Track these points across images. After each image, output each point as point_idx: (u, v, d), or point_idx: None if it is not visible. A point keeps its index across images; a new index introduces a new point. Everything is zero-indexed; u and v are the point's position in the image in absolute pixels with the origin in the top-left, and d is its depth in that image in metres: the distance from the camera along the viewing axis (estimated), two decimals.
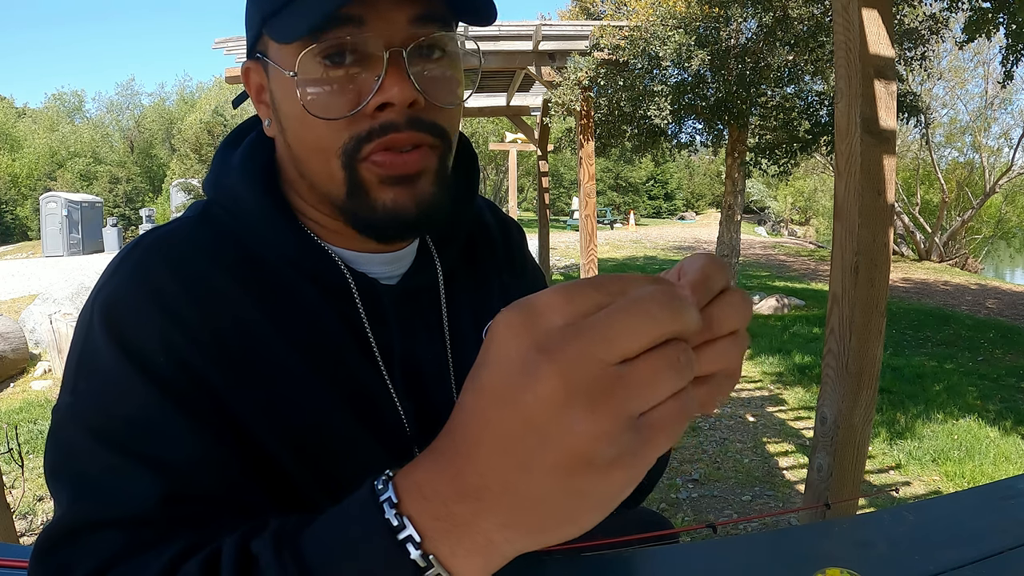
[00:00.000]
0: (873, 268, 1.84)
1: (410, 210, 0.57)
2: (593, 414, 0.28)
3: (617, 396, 0.28)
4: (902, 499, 3.19)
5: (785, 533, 1.26)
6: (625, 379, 0.28)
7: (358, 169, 0.56)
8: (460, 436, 0.32)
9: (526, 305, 0.30)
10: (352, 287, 0.62)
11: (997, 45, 9.31)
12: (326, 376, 0.59)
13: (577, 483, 0.29)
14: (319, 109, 0.54)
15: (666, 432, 0.29)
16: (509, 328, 0.30)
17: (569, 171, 27.27)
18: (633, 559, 0.84)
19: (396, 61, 0.53)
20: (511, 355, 0.29)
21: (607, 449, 0.28)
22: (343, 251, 0.63)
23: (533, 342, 0.29)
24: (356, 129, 0.55)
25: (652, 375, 0.28)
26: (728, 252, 8.71)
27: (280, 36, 0.55)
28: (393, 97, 0.53)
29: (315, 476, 0.58)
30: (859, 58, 1.77)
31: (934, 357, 6.05)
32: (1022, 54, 6.46)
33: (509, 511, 0.31)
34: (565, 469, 0.29)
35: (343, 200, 0.58)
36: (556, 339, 0.28)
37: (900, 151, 15.97)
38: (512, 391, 0.29)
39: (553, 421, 0.28)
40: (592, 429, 0.28)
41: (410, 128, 0.55)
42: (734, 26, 7.54)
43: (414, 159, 0.56)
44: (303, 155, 0.59)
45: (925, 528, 0.86)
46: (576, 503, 0.30)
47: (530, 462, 0.29)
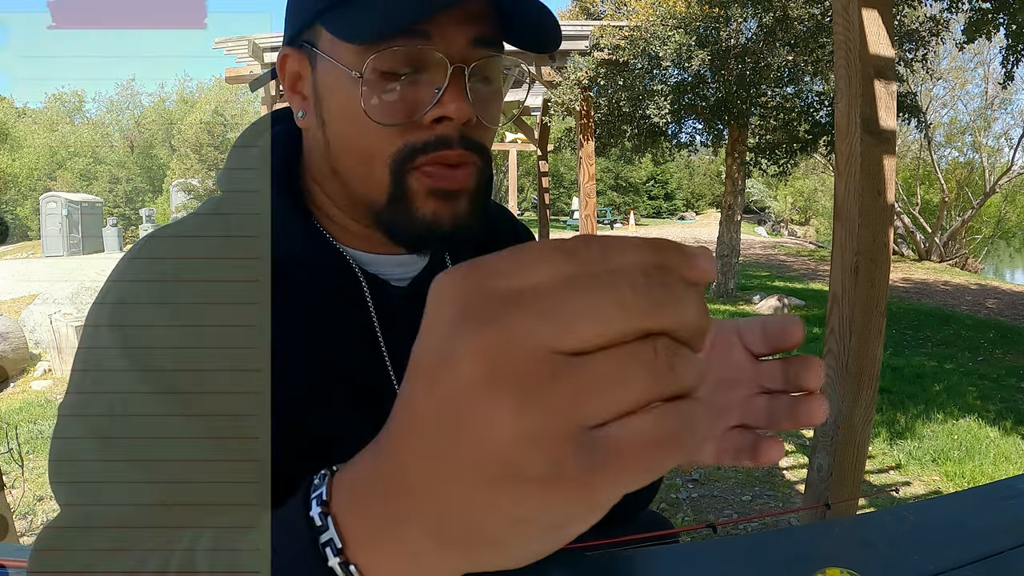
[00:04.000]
0: (873, 268, 1.85)
1: (446, 225, 0.58)
2: (522, 409, 0.21)
3: (558, 393, 0.21)
4: (902, 499, 3.19)
5: (785, 533, 1.26)
6: (574, 373, 0.21)
7: (406, 177, 0.56)
8: (392, 424, 0.27)
9: (471, 264, 0.24)
10: (364, 288, 0.62)
11: (997, 46, 9.31)
12: (333, 375, 0.59)
13: (502, 497, 0.23)
14: (378, 114, 0.54)
15: (630, 459, 0.21)
16: (443, 289, 0.24)
17: (569, 171, 27.25)
18: (633, 559, 0.84)
19: (458, 78, 0.54)
20: (440, 323, 0.24)
21: (539, 461, 0.22)
22: (356, 252, 0.63)
23: (464, 308, 0.23)
24: (411, 138, 0.55)
25: (614, 373, 0.21)
26: (728, 252, 8.71)
27: (346, 34, 0.54)
28: (451, 112, 0.54)
29: (316, 469, 0.58)
30: (859, 58, 1.77)
31: (934, 357, 6.05)
32: (1022, 54, 6.46)
33: (434, 519, 0.25)
34: (486, 475, 0.23)
35: (382, 205, 0.58)
36: (492, 308, 0.22)
37: (900, 151, 15.98)
38: (433, 368, 0.23)
39: (470, 410, 0.22)
40: (518, 428, 0.21)
41: (461, 146, 0.56)
42: (734, 26, 7.54)
43: (461, 176, 0.57)
44: (345, 153, 0.58)
45: (925, 528, 0.86)
46: (505, 523, 0.24)
47: (445, 459, 0.23)
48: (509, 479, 0.22)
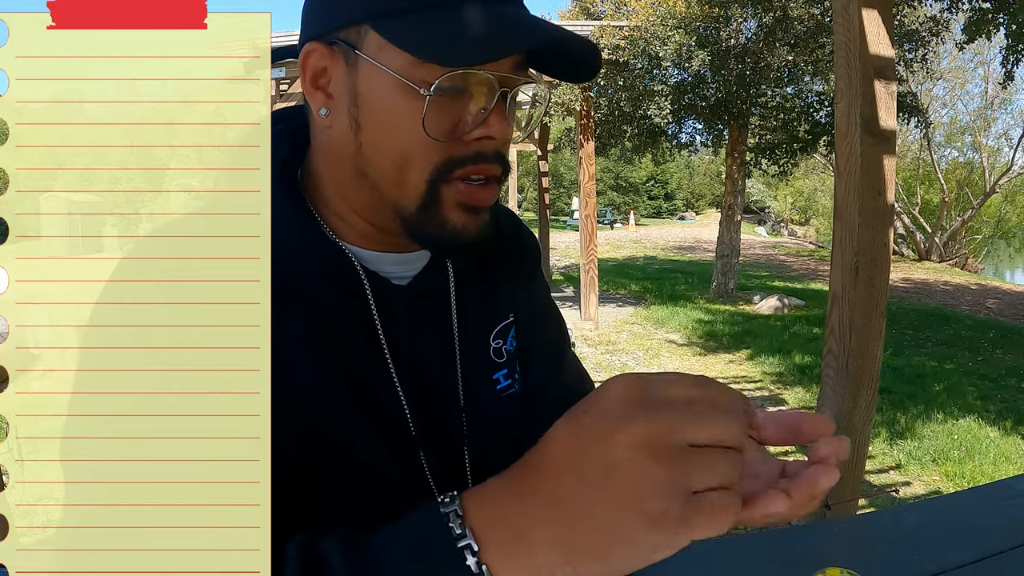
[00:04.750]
0: (873, 268, 1.84)
1: (471, 235, 0.60)
2: (661, 468, 0.34)
3: (683, 465, 0.35)
4: (902, 499, 3.19)
5: (785, 533, 1.26)
6: (693, 456, 0.35)
7: (440, 188, 0.58)
8: (541, 454, 0.38)
9: (641, 375, 0.38)
10: (366, 285, 0.63)
11: (997, 46, 9.32)
12: (333, 371, 0.59)
13: (625, 523, 0.35)
14: (432, 127, 0.56)
15: (707, 515, 0.34)
16: (623, 386, 0.37)
17: (569, 171, 27.26)
18: None
19: (503, 101, 0.58)
20: (618, 403, 0.36)
21: (660, 505, 0.34)
22: (358, 250, 0.64)
23: (640, 400, 0.36)
24: (454, 152, 0.57)
25: (713, 461, 0.35)
26: (728, 252, 8.72)
27: (420, 51, 0.55)
28: (495, 133, 0.58)
29: (318, 469, 0.58)
30: (859, 58, 1.77)
31: (934, 357, 6.05)
32: (1022, 54, 6.46)
33: (565, 532, 0.36)
34: (619, 505, 0.35)
35: (412, 212, 0.59)
36: (658, 406, 0.36)
37: (900, 151, 15.98)
38: (609, 428, 0.36)
39: (631, 460, 0.35)
40: (657, 478, 0.34)
41: (495, 161, 0.59)
42: (734, 26, 7.55)
43: (489, 194, 0.60)
44: (383, 159, 0.59)
45: (925, 528, 0.86)
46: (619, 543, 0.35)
47: (595, 489, 0.35)
48: (635, 512, 0.34)
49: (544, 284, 0.84)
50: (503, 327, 0.73)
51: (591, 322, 7.78)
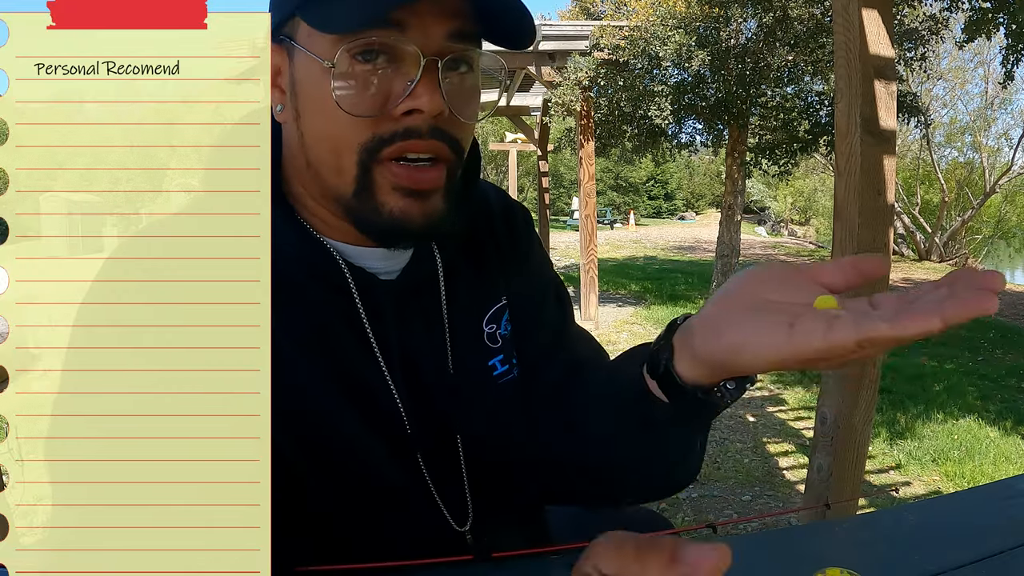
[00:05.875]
0: None
1: (417, 222, 0.58)
2: None
3: None
4: (902, 499, 3.19)
5: (785, 533, 1.26)
6: None
7: (372, 170, 0.56)
8: None
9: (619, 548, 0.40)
10: (350, 282, 0.62)
11: (997, 45, 9.32)
12: (329, 371, 0.59)
13: None
14: (349, 104, 0.54)
15: None
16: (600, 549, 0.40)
17: (569, 171, 27.25)
18: None
19: (430, 70, 0.54)
20: None
21: None
22: (341, 245, 0.63)
23: None
24: (379, 129, 0.55)
25: None
26: (728, 252, 8.71)
27: (322, 25, 0.54)
28: (423, 105, 0.54)
29: (318, 469, 0.58)
30: (859, 58, 1.77)
31: (934, 357, 6.05)
32: (1022, 54, 6.46)
33: None
34: None
35: (349, 197, 0.58)
36: None
37: (900, 151, 15.98)
38: None
39: None
40: None
41: (431, 137, 0.56)
42: (734, 26, 7.55)
43: (430, 178, 0.57)
44: (317, 144, 0.58)
45: (925, 528, 0.86)
46: None
47: None
48: None
49: (542, 259, 0.80)
50: (495, 311, 0.71)
51: (591, 322, 7.78)
